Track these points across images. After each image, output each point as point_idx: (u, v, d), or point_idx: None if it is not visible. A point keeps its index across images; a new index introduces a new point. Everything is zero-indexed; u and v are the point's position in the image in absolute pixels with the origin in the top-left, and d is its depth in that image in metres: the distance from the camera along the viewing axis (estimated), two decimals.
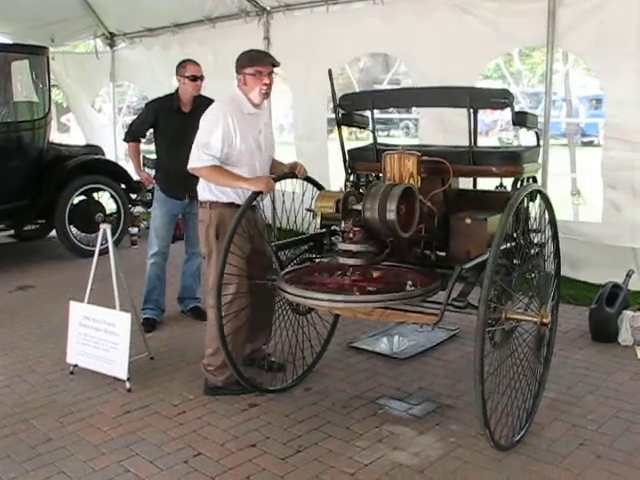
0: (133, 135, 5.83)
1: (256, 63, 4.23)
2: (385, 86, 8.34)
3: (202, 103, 5.07)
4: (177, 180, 5.28)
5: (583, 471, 3.46)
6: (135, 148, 5.90)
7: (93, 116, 11.30)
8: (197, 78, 5.43)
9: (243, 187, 4.19)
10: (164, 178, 5.65)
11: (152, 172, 6.32)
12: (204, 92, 5.51)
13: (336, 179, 5.78)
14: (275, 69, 4.31)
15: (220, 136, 4.13)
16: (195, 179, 4.42)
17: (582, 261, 6.07)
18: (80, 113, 11.33)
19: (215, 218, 4.30)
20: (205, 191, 4.36)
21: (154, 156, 6.00)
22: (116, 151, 10.54)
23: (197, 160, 4.19)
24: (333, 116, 7.76)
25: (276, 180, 4.28)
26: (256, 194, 4.11)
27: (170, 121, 5.47)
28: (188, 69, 5.43)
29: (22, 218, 8.21)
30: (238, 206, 4.20)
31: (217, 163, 4.17)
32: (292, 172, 4.41)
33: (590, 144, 15.71)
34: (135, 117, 6.00)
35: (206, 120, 4.24)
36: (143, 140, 5.93)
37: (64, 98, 12.14)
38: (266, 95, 4.29)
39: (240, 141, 4.20)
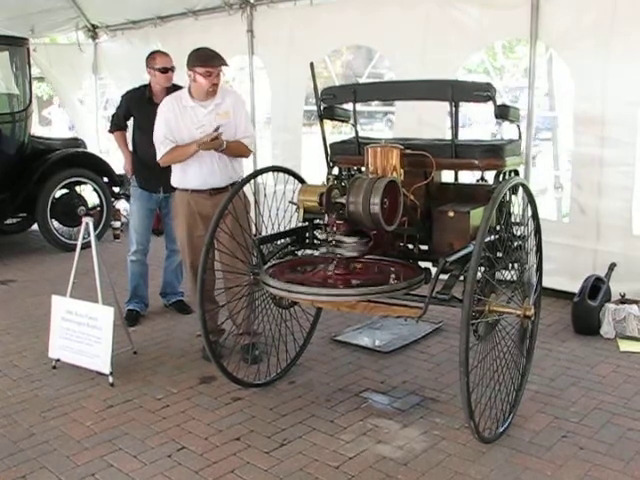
0: (116, 125, 5.87)
1: (207, 64, 4.53)
2: (365, 79, 8.32)
3: None
4: (150, 172, 5.28)
5: (566, 462, 3.48)
6: (121, 136, 5.90)
7: (79, 107, 11.28)
8: (167, 70, 5.40)
9: (190, 150, 4.56)
10: (139, 170, 5.63)
11: None
12: (184, 84, 5.49)
13: (309, 171, 5.76)
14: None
15: (162, 125, 4.65)
16: (169, 172, 4.80)
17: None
18: (68, 104, 11.31)
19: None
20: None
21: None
22: (99, 144, 10.47)
23: (158, 153, 4.69)
24: (309, 108, 7.83)
25: (255, 175, 4.48)
26: (241, 184, 4.29)
27: (142, 112, 5.44)
28: (158, 61, 5.40)
29: (3, 212, 8.14)
30: (185, 190, 4.76)
31: (171, 146, 4.63)
32: (273, 166, 4.51)
33: None
34: (115, 108, 6.00)
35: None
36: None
37: (51, 90, 12.07)
38: (213, 93, 4.62)
39: (178, 131, 4.64)
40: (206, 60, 4.52)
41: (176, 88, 5.33)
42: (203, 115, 4.63)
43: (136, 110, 5.55)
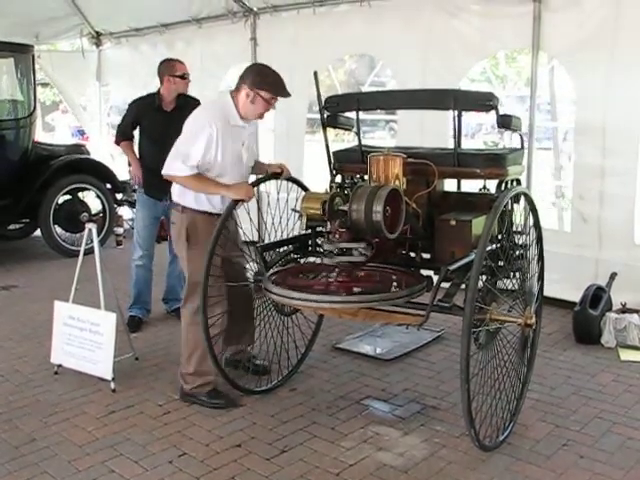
0: (123, 134, 5.84)
1: (277, 93, 4.09)
2: (367, 88, 8.35)
3: (185, 103, 5.08)
4: (157, 179, 5.26)
5: (566, 471, 3.48)
6: (128, 145, 5.87)
7: (84, 114, 11.35)
8: (187, 77, 5.45)
9: (223, 194, 4.11)
10: (145, 177, 5.64)
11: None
12: (189, 91, 5.53)
13: (311, 179, 5.76)
14: None
15: (203, 147, 4.00)
16: None
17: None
18: (77, 109, 11.37)
19: (186, 221, 4.21)
20: (179, 196, 4.28)
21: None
22: (103, 150, 10.49)
23: (176, 170, 4.07)
24: (312, 116, 7.85)
25: (259, 182, 4.34)
26: (236, 202, 4.07)
27: (151, 120, 5.46)
28: (178, 68, 5.44)
29: (6, 217, 8.15)
30: (210, 214, 4.17)
31: (196, 172, 4.05)
32: (274, 173, 4.38)
33: None
34: (121, 117, 6.00)
35: (191, 127, 4.11)
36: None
37: (55, 95, 12.13)
38: (261, 117, 4.24)
39: (222, 152, 4.06)
40: (277, 89, 4.08)
41: (186, 97, 5.37)
42: (247, 135, 4.29)
43: (145, 118, 5.55)
